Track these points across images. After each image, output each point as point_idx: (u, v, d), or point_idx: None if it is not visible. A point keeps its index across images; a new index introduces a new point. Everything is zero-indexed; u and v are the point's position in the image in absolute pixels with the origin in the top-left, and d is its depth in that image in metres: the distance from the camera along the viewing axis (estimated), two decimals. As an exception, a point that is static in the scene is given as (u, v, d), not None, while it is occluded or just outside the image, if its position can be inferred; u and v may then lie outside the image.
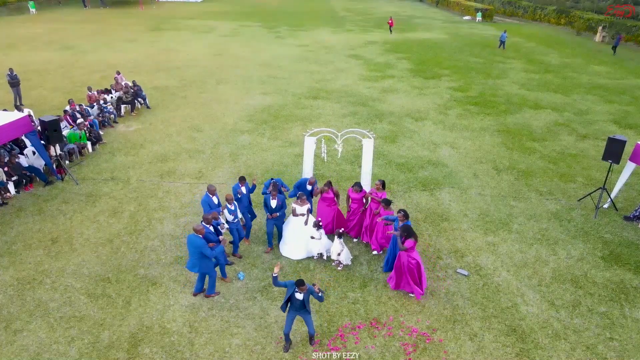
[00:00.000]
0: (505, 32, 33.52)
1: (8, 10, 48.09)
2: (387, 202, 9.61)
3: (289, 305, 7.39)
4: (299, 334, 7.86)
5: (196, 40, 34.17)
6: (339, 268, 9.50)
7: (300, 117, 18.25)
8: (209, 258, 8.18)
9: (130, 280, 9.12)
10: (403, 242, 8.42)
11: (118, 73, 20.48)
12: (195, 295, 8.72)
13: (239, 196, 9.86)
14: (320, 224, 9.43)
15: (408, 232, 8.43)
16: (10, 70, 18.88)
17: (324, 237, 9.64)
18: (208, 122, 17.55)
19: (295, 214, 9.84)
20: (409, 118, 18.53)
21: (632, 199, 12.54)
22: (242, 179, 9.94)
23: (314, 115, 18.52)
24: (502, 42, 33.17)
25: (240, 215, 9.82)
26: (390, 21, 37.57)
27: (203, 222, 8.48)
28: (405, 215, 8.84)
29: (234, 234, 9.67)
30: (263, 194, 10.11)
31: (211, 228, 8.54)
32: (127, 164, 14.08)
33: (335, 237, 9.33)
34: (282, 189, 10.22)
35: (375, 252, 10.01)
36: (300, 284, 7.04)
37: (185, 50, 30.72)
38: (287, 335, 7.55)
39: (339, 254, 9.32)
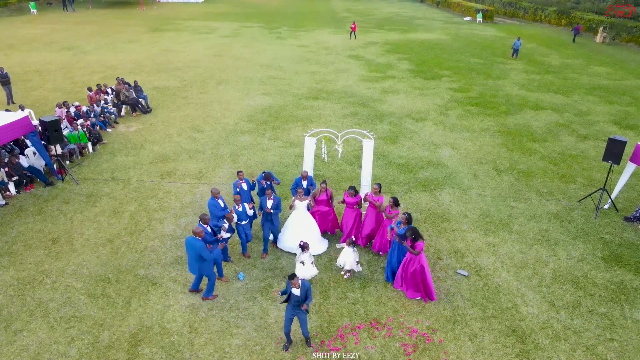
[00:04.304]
0: (519, 40, 30.55)
1: (9, 10, 48.08)
2: (396, 201, 9.45)
3: (287, 304, 7.38)
4: (299, 334, 7.86)
5: (197, 41, 34.20)
6: (345, 276, 9.31)
7: (300, 118, 18.26)
8: (209, 261, 8.17)
9: (131, 280, 9.12)
10: (413, 246, 8.28)
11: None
12: (190, 292, 8.75)
13: (237, 189, 9.90)
14: (305, 246, 8.72)
15: (416, 234, 8.25)
16: (1, 69, 18.95)
17: (313, 267, 9.00)
18: (208, 123, 17.56)
19: (294, 208, 9.90)
20: (409, 119, 18.53)
21: (633, 200, 12.53)
22: (239, 173, 9.98)
23: (314, 116, 18.52)
24: (516, 51, 30.49)
25: (247, 208, 9.54)
26: (353, 26, 37.41)
27: (200, 223, 8.44)
28: (408, 220, 8.72)
29: (241, 236, 9.63)
30: (258, 194, 10.17)
31: (209, 229, 8.53)
32: (127, 164, 14.09)
33: (346, 246, 9.00)
34: (273, 181, 10.27)
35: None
36: (290, 277, 7.09)
37: (186, 51, 30.74)
38: (287, 335, 7.57)
39: (349, 264, 9.06)
